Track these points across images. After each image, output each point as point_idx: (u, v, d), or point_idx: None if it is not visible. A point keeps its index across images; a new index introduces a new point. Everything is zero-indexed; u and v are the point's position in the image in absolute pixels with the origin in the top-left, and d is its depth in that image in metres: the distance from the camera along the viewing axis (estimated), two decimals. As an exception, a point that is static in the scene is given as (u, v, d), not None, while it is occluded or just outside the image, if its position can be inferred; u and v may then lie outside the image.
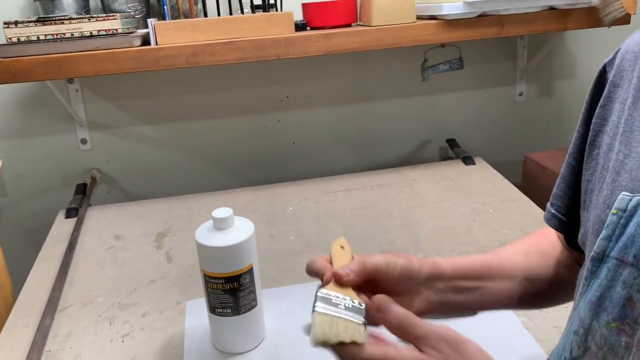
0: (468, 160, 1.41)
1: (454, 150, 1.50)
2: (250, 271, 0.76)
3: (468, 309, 0.56)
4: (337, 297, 0.48)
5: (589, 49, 1.57)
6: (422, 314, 0.52)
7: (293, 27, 1.15)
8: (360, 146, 1.56)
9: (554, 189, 0.60)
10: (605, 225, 0.45)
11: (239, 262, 0.74)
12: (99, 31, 1.08)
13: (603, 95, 0.51)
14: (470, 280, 0.55)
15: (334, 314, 0.46)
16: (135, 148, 1.45)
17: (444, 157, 1.57)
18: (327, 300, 0.48)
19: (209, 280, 0.75)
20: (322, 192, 1.30)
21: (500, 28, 1.19)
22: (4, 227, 1.43)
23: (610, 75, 0.51)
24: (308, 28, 1.22)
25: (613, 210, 0.44)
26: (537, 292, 0.59)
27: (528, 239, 0.63)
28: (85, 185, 1.39)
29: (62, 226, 1.21)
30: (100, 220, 1.24)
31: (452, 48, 1.44)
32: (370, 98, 1.53)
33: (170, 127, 1.44)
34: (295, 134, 1.51)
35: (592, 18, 1.21)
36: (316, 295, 0.48)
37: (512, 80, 1.58)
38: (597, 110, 0.52)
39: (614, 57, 0.52)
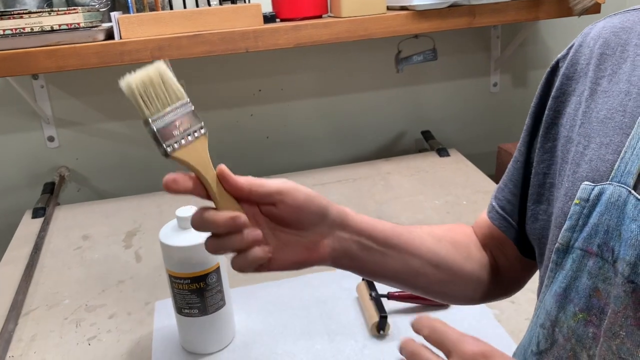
0: (443, 152, 1.41)
1: (429, 142, 1.50)
2: (217, 270, 0.74)
3: (367, 272, 0.54)
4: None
5: (562, 39, 1.57)
6: (321, 260, 0.51)
7: (261, 19, 1.13)
8: (335, 139, 1.55)
9: (500, 183, 0.60)
10: (568, 216, 0.44)
11: (204, 262, 0.73)
12: (60, 25, 1.04)
13: (555, 87, 0.52)
14: (375, 243, 0.53)
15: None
16: (105, 144, 1.42)
17: (420, 149, 1.57)
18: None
19: (175, 281, 0.74)
20: None
21: (472, 18, 1.18)
22: (-30, 229, 1.40)
23: (563, 69, 0.52)
24: (277, 20, 1.20)
25: (575, 201, 0.44)
26: (442, 281, 0.57)
27: (444, 226, 0.62)
28: (53, 184, 1.36)
29: (28, 227, 1.19)
30: (68, 219, 1.21)
31: (426, 39, 1.43)
32: (345, 90, 1.52)
33: (138, 123, 1.41)
34: (268, 128, 1.50)
35: (563, 7, 1.21)
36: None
37: (487, 71, 1.59)
38: (549, 102, 0.52)
39: (567, 52, 0.53)
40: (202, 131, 0.47)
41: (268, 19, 1.16)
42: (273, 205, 0.48)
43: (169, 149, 0.45)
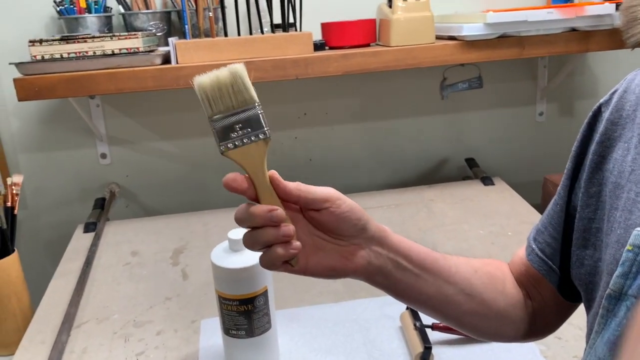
0: (487, 180, 1.40)
1: (473, 170, 1.49)
2: (264, 293, 0.76)
3: (400, 292, 0.55)
4: None
5: (611, 69, 1.55)
6: (356, 271, 0.52)
7: (312, 47, 1.15)
8: (378, 164, 1.56)
9: (539, 224, 0.60)
10: (620, 263, 0.44)
11: (253, 285, 0.75)
12: (120, 49, 1.10)
13: (599, 132, 0.52)
14: (411, 264, 0.54)
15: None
16: (154, 163, 1.46)
17: (463, 177, 1.56)
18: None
19: (224, 302, 0.76)
20: None
21: (521, 49, 1.18)
22: (24, 240, 1.45)
23: (607, 114, 0.52)
24: (327, 47, 1.23)
25: (628, 247, 0.44)
26: (474, 313, 0.57)
27: (481, 260, 0.62)
28: (104, 199, 1.41)
29: (80, 241, 1.23)
30: (118, 235, 1.25)
31: (472, 67, 1.44)
32: (389, 116, 1.53)
33: (188, 143, 1.46)
34: (312, 151, 1.52)
35: (614, 40, 1.20)
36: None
37: (533, 100, 1.57)
38: (593, 147, 0.52)
39: (610, 98, 0.53)
40: (262, 136, 0.50)
41: (318, 46, 1.18)
42: (316, 211, 0.50)
43: (222, 148, 0.49)
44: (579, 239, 0.53)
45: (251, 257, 0.75)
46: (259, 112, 0.49)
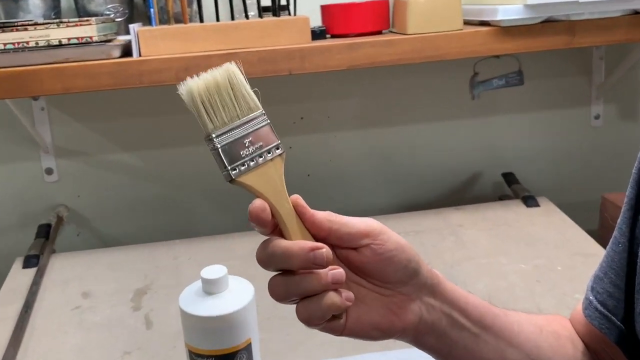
0: (530, 200, 1.39)
1: (512, 188, 1.48)
2: (247, 348, 0.74)
3: (453, 359, 0.53)
4: None
5: (684, 61, 1.55)
6: (404, 330, 0.50)
7: (309, 35, 1.15)
8: (392, 180, 1.55)
9: (597, 269, 0.59)
10: None
11: (233, 337, 0.73)
12: (69, 39, 1.09)
13: None
14: (469, 320, 0.52)
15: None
16: (112, 180, 1.45)
17: (499, 196, 1.55)
18: None
19: (195, 359, 0.74)
20: None
21: (570, 37, 1.18)
22: (-51, 277, 1.44)
23: None
24: (328, 36, 1.22)
25: None
26: None
27: (541, 315, 0.62)
28: (49, 226, 1.40)
29: (18, 278, 1.21)
30: (66, 271, 1.24)
31: (509, 59, 1.43)
32: (406, 120, 1.52)
33: (155, 155, 1.46)
34: (311, 165, 1.51)
35: (688, 25, 1.20)
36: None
37: (587, 100, 1.57)
38: None
39: None
40: (278, 152, 0.49)
41: (317, 34, 1.18)
42: (354, 250, 0.49)
43: (234, 173, 0.47)
44: None
45: (230, 302, 0.73)
46: (268, 120, 0.49)
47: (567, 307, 1.01)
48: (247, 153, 0.47)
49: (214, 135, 0.47)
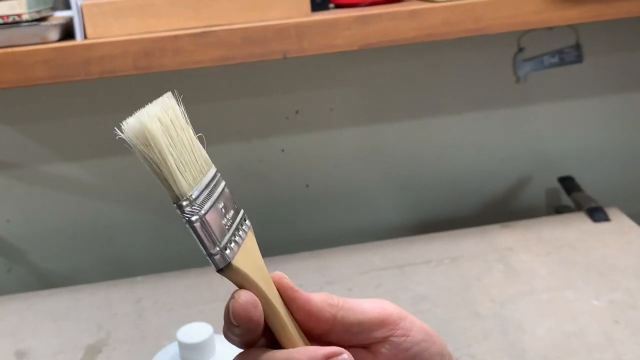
0: (597, 213, 1.36)
1: (573, 197, 1.46)
2: None
3: None
4: None
5: None
6: None
7: (308, 5, 1.12)
8: (414, 191, 1.53)
9: None
10: None
11: None
12: (-8, 19, 1.05)
13: None
14: None
15: None
16: (53, 199, 1.42)
17: (556, 208, 1.53)
18: None
19: None
20: (358, 271, 1.26)
21: (648, 1, 1.15)
22: None
23: None
24: (331, 5, 1.20)
25: None
26: None
27: None
28: (-29, 261, 1.35)
29: None
30: (-6, 322, 1.19)
31: (564, 30, 1.39)
32: (429, 112, 1.50)
33: (110, 164, 1.42)
34: (309, 173, 1.49)
35: None
36: None
37: (662, 81, 1.55)
38: None
39: None
40: (248, 222, 0.45)
41: (318, 4, 1.15)
42: (363, 349, 0.46)
43: (228, 256, 0.42)
44: None
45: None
46: (223, 179, 0.45)
47: (658, 357, 0.98)
48: (228, 224, 0.43)
49: (193, 198, 0.41)
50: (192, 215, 0.40)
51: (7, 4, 1.04)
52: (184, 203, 0.41)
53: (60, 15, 1.16)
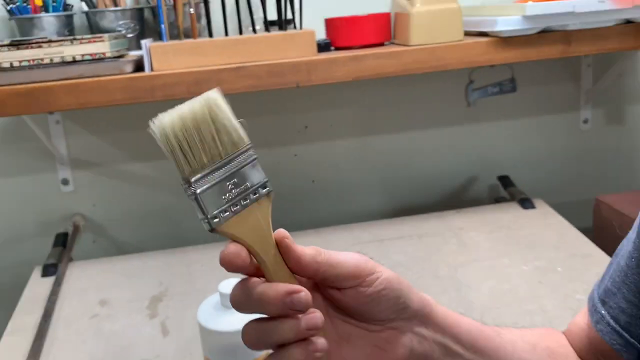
0: (526, 203, 1.35)
1: (508, 190, 1.44)
2: (267, 361, 0.69)
3: None
4: None
5: (668, 67, 1.51)
6: None
7: (315, 48, 1.11)
8: (393, 185, 1.52)
9: (607, 282, 0.53)
10: None
11: (251, 351, 0.68)
12: (83, 56, 1.04)
13: None
14: (462, 346, 0.47)
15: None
16: (126, 189, 1.41)
17: (495, 199, 1.51)
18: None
19: (215, 373, 0.69)
20: (350, 243, 1.24)
21: (566, 46, 1.13)
22: (-30, 284, 1.39)
23: None
24: (332, 48, 1.18)
25: None
26: None
27: (534, 330, 0.56)
28: (66, 235, 1.35)
29: (37, 287, 1.16)
30: (83, 279, 1.19)
31: (503, 67, 1.39)
32: (406, 127, 1.48)
33: (167, 165, 1.40)
34: (315, 171, 1.47)
35: (678, 33, 1.15)
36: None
37: (576, 105, 1.53)
38: None
39: None
40: (264, 191, 0.41)
41: (322, 47, 1.14)
42: (337, 290, 0.43)
43: (215, 222, 0.39)
44: None
45: (250, 317, 0.68)
46: (254, 155, 0.41)
47: (570, 308, 0.97)
48: (230, 197, 0.40)
49: (192, 180, 0.39)
50: (189, 193, 0.39)
51: (95, 45, 1.04)
52: (185, 185, 0.39)
53: (134, 53, 1.16)
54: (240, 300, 0.41)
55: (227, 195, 0.39)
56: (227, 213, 0.39)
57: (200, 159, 0.39)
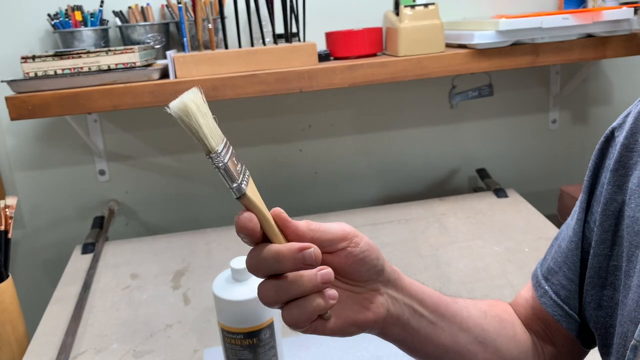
0: (500, 192, 1.35)
1: (485, 181, 1.45)
2: (270, 326, 0.72)
3: (416, 346, 0.49)
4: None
5: (626, 74, 1.51)
6: (375, 323, 0.46)
7: (316, 58, 1.12)
8: (385, 176, 1.52)
9: (550, 261, 0.55)
10: None
11: (259, 317, 0.70)
12: (116, 64, 1.06)
13: (613, 159, 0.48)
14: (427, 309, 0.48)
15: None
16: (154, 178, 1.43)
17: (474, 188, 1.52)
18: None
19: (227, 335, 0.71)
20: None
21: (534, 57, 1.14)
22: (21, 260, 1.41)
23: (621, 139, 0.48)
24: (331, 58, 1.19)
25: None
26: None
27: (485, 301, 0.57)
28: (102, 218, 1.37)
29: (78, 262, 1.19)
30: (117, 256, 1.21)
31: (482, 74, 1.40)
32: (396, 126, 1.49)
33: (189, 157, 1.42)
34: (317, 164, 1.48)
35: (632, 45, 1.16)
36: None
37: (545, 107, 1.53)
38: (608, 176, 0.48)
39: (623, 121, 0.49)
40: (248, 172, 0.42)
41: (322, 57, 1.14)
42: (330, 254, 0.44)
43: (243, 186, 0.39)
44: (595, 277, 0.49)
45: (256, 288, 0.70)
46: (228, 143, 0.42)
47: (534, 283, 0.99)
48: (239, 170, 0.40)
49: (219, 150, 0.39)
50: (219, 162, 0.38)
51: (127, 55, 1.06)
52: (213, 155, 0.38)
53: (160, 62, 1.17)
54: (256, 263, 0.41)
55: (237, 168, 0.40)
56: (244, 183, 0.40)
57: (217, 134, 0.40)
